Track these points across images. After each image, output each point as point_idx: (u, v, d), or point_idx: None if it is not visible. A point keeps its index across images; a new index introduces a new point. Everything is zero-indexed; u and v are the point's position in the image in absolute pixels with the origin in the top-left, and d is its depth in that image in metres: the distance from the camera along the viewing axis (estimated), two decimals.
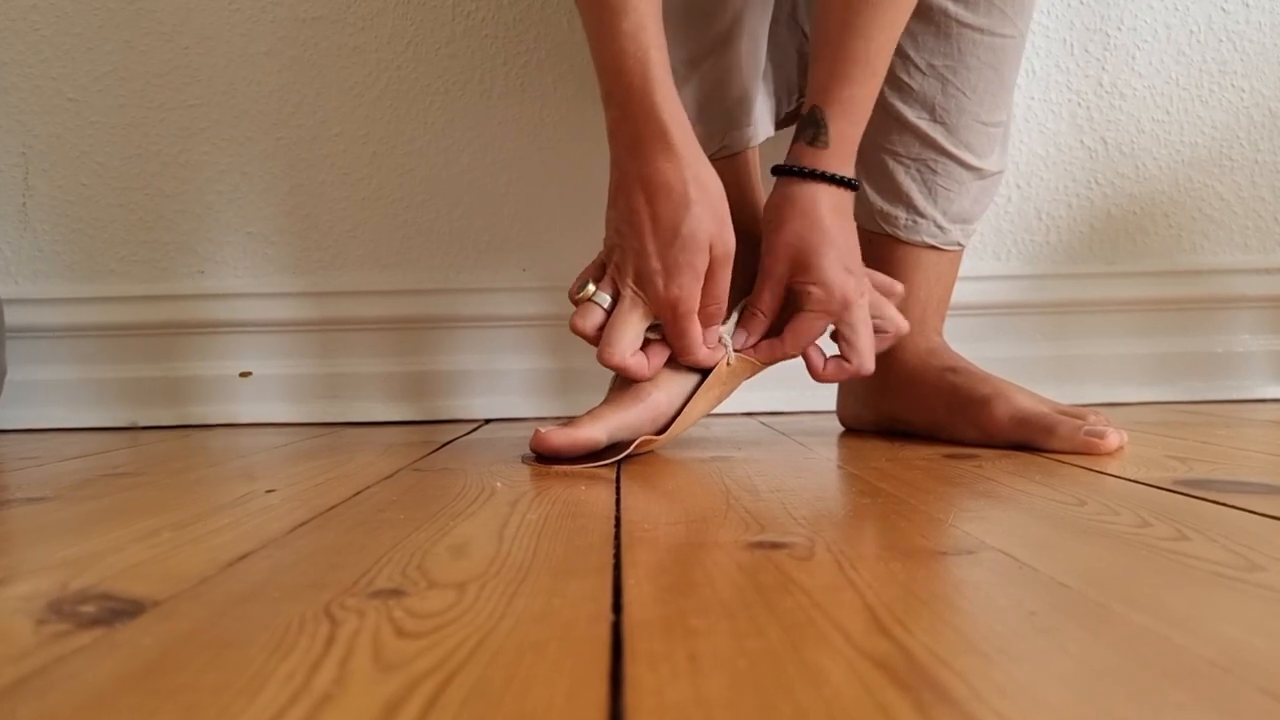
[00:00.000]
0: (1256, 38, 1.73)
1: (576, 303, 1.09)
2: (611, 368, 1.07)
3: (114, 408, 1.74)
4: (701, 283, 1.05)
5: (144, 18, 1.72)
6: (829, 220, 1.10)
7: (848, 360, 1.13)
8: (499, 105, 1.72)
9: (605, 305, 1.07)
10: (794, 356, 1.14)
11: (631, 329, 1.07)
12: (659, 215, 1.03)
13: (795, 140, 1.13)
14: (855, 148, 1.13)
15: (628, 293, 1.06)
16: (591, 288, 1.08)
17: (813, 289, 1.10)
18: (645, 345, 1.09)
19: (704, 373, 1.14)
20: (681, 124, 1.04)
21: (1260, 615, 0.47)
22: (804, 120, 1.12)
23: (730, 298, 1.13)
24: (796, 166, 1.11)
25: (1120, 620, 0.46)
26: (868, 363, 1.13)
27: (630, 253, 1.05)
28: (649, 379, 1.10)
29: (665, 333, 1.08)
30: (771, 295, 1.13)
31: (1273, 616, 0.47)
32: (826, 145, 1.10)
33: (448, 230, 1.74)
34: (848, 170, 1.12)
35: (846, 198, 1.12)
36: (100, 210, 1.74)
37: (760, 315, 1.14)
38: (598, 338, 1.08)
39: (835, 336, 1.13)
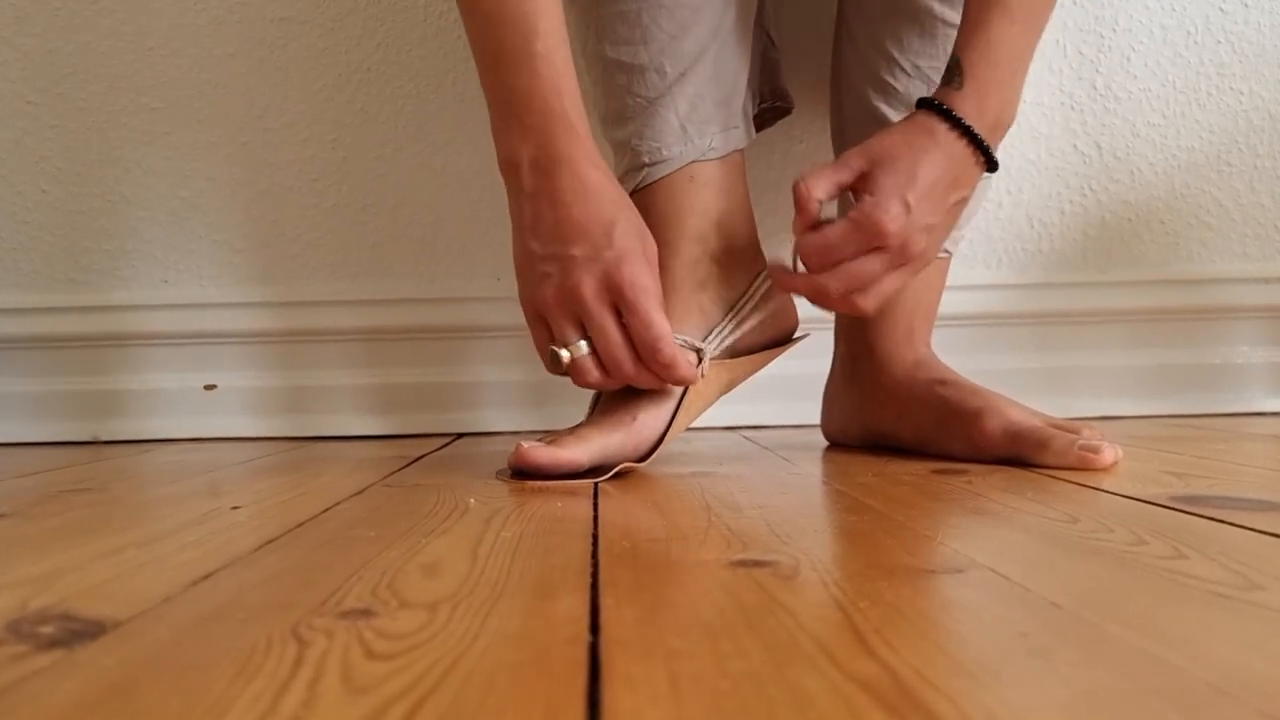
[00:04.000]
0: (1255, 39, 1.74)
1: (558, 371, 1.08)
2: (671, 378, 1.07)
3: (74, 421, 1.73)
4: (651, 273, 1.05)
5: (106, 19, 1.71)
6: (928, 153, 1.07)
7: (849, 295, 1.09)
8: (473, 108, 1.72)
9: (586, 349, 1.06)
10: (812, 268, 1.09)
11: (623, 340, 1.05)
12: (590, 216, 1.03)
13: (939, 86, 1.12)
14: (997, 105, 1.10)
15: (597, 306, 1.04)
16: (565, 353, 1.07)
17: (865, 197, 1.07)
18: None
19: (685, 392, 1.14)
20: (589, 130, 1.06)
21: (1260, 636, 0.47)
22: (946, 69, 1.12)
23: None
24: (929, 98, 1.10)
25: (1115, 641, 0.46)
26: (829, 286, 1.08)
27: (582, 264, 1.03)
28: (689, 379, 1.09)
29: (636, 334, 1.04)
30: (829, 182, 1.08)
31: (1273, 637, 0.47)
32: (960, 86, 1.08)
33: (420, 238, 1.73)
34: (979, 121, 1.09)
35: (965, 155, 1.09)
36: (60, 217, 1.73)
37: (809, 198, 1.07)
38: (605, 377, 1.07)
39: None
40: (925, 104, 1.10)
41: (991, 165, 1.11)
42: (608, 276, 1.02)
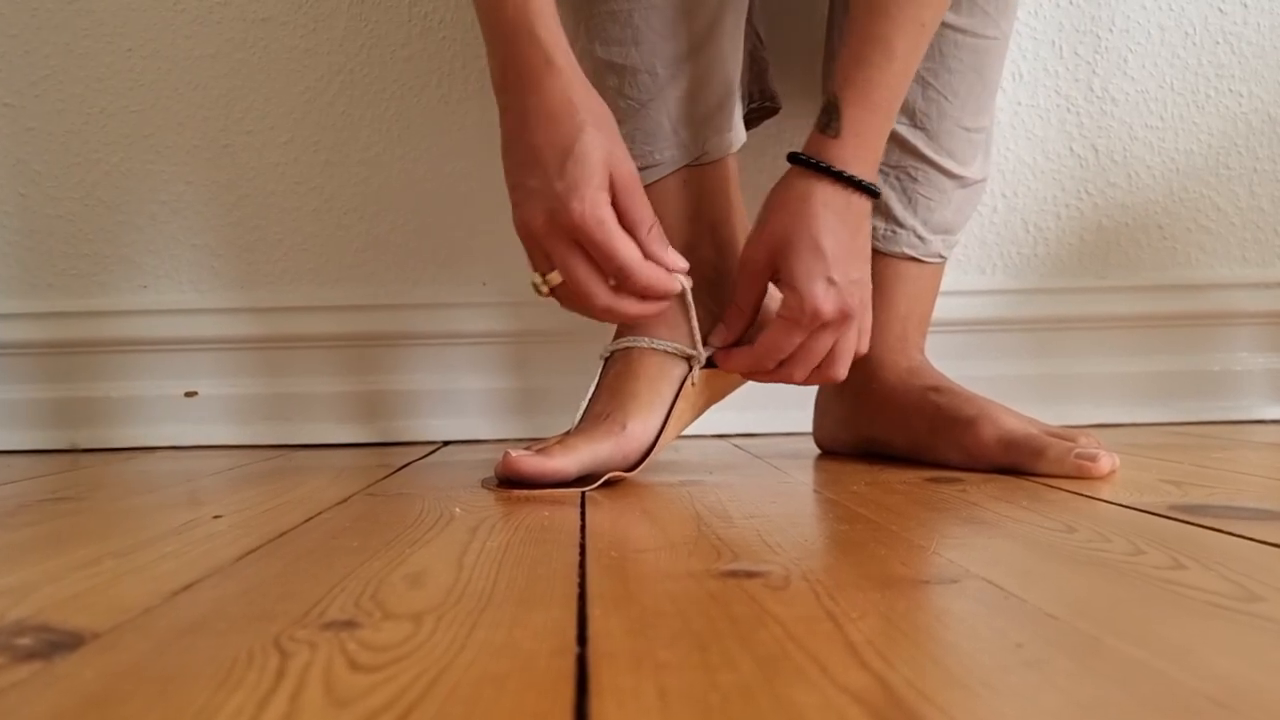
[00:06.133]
0: (1255, 40, 1.74)
1: (551, 295, 1.08)
2: (612, 317, 1.07)
3: (52, 429, 1.73)
4: (608, 200, 1.02)
5: (84, 19, 1.71)
6: (821, 219, 1.07)
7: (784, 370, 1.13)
8: (458, 110, 1.72)
9: (558, 279, 1.05)
10: (767, 370, 1.13)
11: (587, 275, 1.04)
12: (548, 142, 1.02)
13: (813, 130, 1.11)
14: (876, 146, 1.10)
15: (552, 242, 1.03)
16: (538, 277, 1.06)
17: (786, 293, 1.08)
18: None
19: (675, 400, 1.14)
20: (565, 52, 1.04)
21: (1260, 648, 0.47)
22: (822, 109, 1.11)
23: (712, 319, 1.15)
24: (802, 155, 1.09)
25: (1112, 653, 0.46)
26: (795, 376, 1.12)
27: (536, 196, 1.02)
28: (673, 290, 1.07)
29: (601, 265, 1.03)
30: (748, 290, 1.12)
31: (1272, 649, 0.47)
32: (837, 134, 1.08)
33: (404, 242, 1.73)
34: (861, 169, 1.08)
35: (853, 200, 1.09)
36: (38, 221, 1.73)
37: (737, 310, 1.14)
38: (597, 308, 1.07)
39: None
40: (801, 160, 1.09)
41: (876, 197, 1.12)
42: (557, 213, 1.01)
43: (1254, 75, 1.75)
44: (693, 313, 1.13)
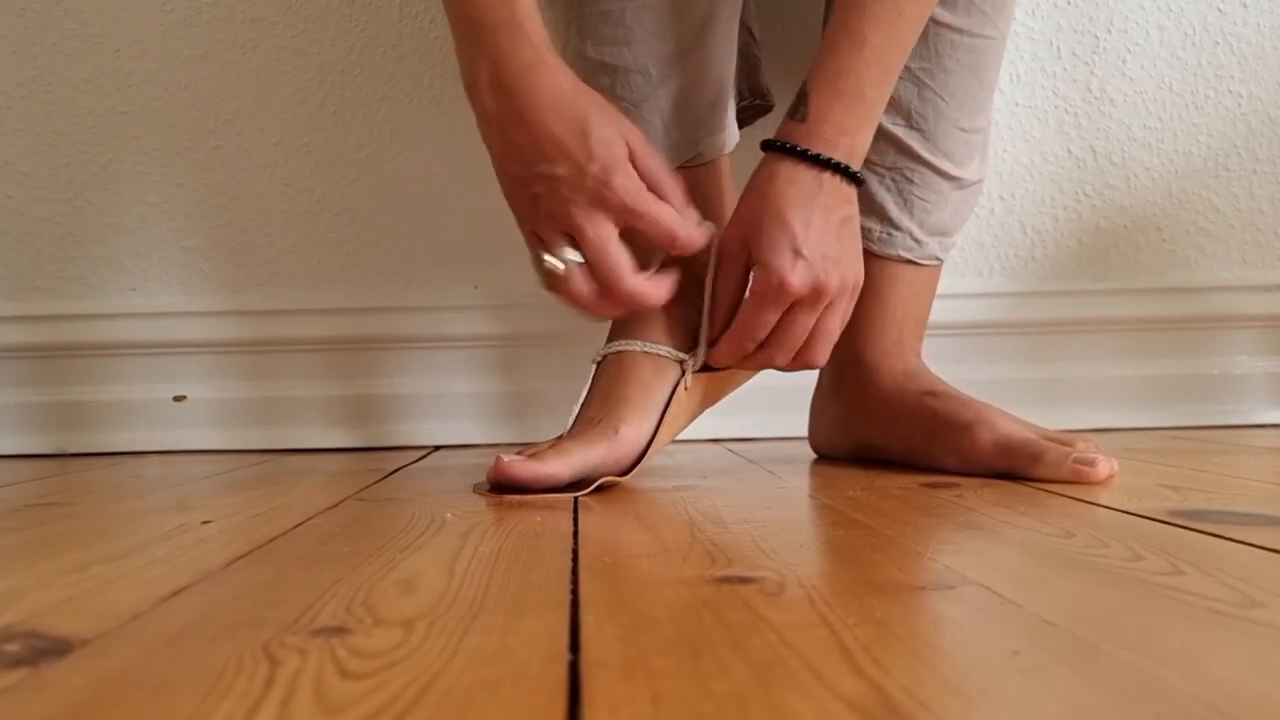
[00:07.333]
0: (1255, 40, 1.75)
1: (552, 286, 1.08)
2: (628, 302, 1.07)
3: (40, 433, 1.73)
4: (635, 172, 1.05)
5: (72, 19, 1.71)
6: (787, 196, 1.07)
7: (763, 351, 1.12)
8: (450, 111, 1.72)
9: (580, 259, 1.06)
10: (748, 353, 1.12)
11: (619, 253, 1.06)
12: (561, 130, 1.03)
13: (784, 117, 1.12)
14: (847, 129, 1.09)
15: (592, 222, 1.04)
16: (558, 262, 1.06)
17: (755, 271, 1.09)
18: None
19: (668, 404, 1.14)
20: (550, 48, 1.05)
21: (1260, 655, 0.47)
22: (795, 98, 1.11)
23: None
24: (770, 140, 1.10)
25: (1110, 660, 0.46)
26: (776, 359, 1.12)
27: (565, 183, 1.03)
28: (666, 299, 1.09)
29: (644, 232, 1.06)
30: (727, 281, 1.12)
31: (1273, 656, 0.47)
32: (804, 119, 1.08)
33: (394, 245, 1.73)
34: (831, 149, 1.08)
35: (824, 179, 1.08)
36: (25, 223, 1.73)
37: (717, 303, 1.13)
38: (598, 295, 1.07)
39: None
40: (769, 145, 1.11)
41: (858, 183, 1.11)
42: (597, 193, 1.03)
43: (1253, 76, 1.75)
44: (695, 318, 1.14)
